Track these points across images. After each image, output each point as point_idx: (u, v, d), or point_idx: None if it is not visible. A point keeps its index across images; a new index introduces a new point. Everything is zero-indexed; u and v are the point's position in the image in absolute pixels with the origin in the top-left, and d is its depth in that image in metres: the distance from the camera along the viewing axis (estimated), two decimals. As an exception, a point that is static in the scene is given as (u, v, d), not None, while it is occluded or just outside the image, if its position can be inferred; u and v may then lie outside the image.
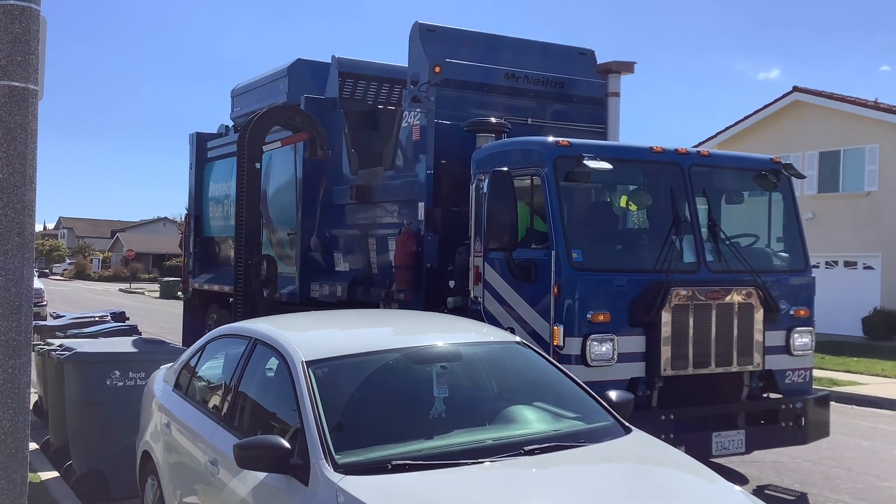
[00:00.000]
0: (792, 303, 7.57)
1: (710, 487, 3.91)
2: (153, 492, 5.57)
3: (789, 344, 7.51)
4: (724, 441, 6.95)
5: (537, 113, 9.43)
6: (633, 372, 6.82)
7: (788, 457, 8.76)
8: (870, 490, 7.86)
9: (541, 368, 4.87)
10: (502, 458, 3.80)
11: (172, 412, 5.39)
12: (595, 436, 4.22)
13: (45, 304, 23.11)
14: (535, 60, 9.74)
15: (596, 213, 8.05)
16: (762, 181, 7.77)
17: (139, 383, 6.85)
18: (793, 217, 8.00)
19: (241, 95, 13.44)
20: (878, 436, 10.57)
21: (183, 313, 15.21)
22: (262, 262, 10.26)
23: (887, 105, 23.99)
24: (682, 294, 6.85)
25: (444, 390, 4.40)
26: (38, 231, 77.33)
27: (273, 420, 4.43)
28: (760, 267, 7.41)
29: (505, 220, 6.99)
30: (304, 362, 4.24)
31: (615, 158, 7.14)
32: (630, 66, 9.23)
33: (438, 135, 8.75)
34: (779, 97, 25.41)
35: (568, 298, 6.70)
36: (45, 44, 4.40)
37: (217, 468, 4.43)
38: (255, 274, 10.12)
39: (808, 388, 7.69)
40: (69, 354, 7.13)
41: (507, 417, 4.36)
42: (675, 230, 7.10)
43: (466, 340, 4.93)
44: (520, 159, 7.38)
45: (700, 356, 6.93)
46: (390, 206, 9.58)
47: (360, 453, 3.79)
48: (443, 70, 8.88)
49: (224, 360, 5.31)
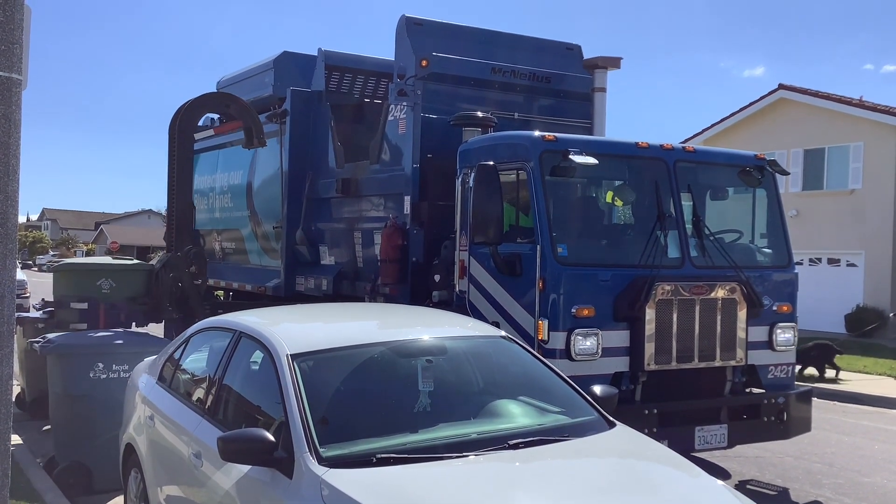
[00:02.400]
0: (775, 299, 7.62)
1: (692, 481, 3.93)
2: (136, 484, 5.55)
3: (772, 339, 7.57)
4: (706, 435, 7.00)
5: (524, 108, 9.44)
6: (617, 366, 6.85)
7: (770, 452, 8.83)
8: (851, 486, 7.94)
9: (525, 363, 4.88)
10: (487, 452, 3.82)
11: (156, 405, 5.37)
12: (579, 430, 4.24)
13: (28, 296, 22.96)
14: (522, 55, 9.74)
15: (581, 208, 8.07)
16: (746, 177, 7.81)
17: (123, 376, 6.83)
18: (777, 214, 8.04)
19: (226, 88, 13.34)
20: (860, 432, 10.67)
21: (167, 306, 15.12)
22: (190, 254, 9.69)
23: (872, 103, 24.16)
24: (667, 289, 6.89)
25: (429, 384, 4.40)
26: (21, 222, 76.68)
27: (257, 413, 4.42)
28: (744, 263, 7.46)
29: (490, 215, 7.00)
30: (289, 355, 4.23)
31: (601, 154, 7.16)
32: (616, 61, 9.24)
33: (425, 129, 8.74)
34: (764, 94, 25.54)
35: (553, 293, 6.72)
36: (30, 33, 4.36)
37: (201, 461, 4.42)
38: (185, 266, 9.57)
39: (790, 383, 7.75)
40: (52, 346, 7.09)
41: (492, 411, 4.37)
42: (659, 225, 7.13)
43: (452, 334, 4.94)
44: (506, 154, 7.39)
45: (683, 351, 6.97)
46: (376, 199, 9.57)
47: (345, 446, 3.79)
48: (430, 64, 8.87)
49: (208, 353, 5.29)
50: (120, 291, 9.24)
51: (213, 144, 13.59)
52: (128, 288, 9.35)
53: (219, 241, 13.50)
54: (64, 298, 9.18)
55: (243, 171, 12.28)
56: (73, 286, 9.24)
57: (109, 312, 9.06)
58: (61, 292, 9.32)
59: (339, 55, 11.39)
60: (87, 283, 9.16)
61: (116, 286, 9.24)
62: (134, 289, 9.41)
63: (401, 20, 9.28)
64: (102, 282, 9.17)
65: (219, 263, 13.51)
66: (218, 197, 13.20)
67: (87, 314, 8.98)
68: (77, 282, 9.28)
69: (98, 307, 9.03)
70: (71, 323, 8.94)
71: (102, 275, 9.26)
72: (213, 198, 13.37)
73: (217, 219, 13.33)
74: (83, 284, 9.19)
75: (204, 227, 13.98)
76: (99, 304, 9.06)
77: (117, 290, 9.23)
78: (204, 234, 14.10)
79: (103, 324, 8.87)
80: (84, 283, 9.18)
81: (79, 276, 9.42)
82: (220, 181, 13.15)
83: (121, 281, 9.32)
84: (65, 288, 9.30)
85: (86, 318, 8.97)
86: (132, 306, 9.27)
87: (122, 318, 9.14)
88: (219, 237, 13.49)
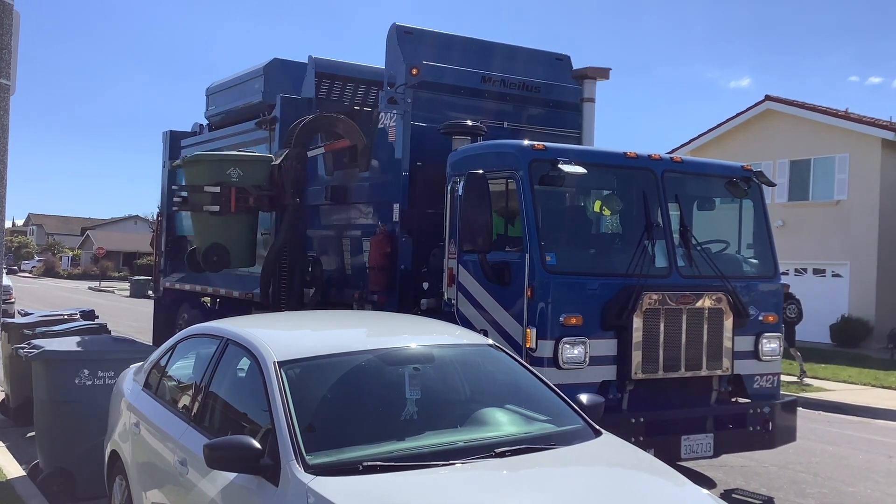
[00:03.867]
0: (761, 309, 7.66)
1: (678, 490, 3.95)
2: (121, 492, 5.52)
3: (758, 349, 7.61)
4: (692, 444, 7.02)
5: (513, 116, 9.47)
6: (604, 375, 6.87)
7: (756, 461, 8.86)
8: (835, 495, 7.98)
9: (513, 371, 4.89)
10: (473, 460, 3.82)
11: (142, 412, 5.35)
12: (565, 438, 4.25)
13: (13, 302, 22.83)
14: (512, 64, 9.79)
15: (570, 217, 8.11)
16: (733, 188, 7.86)
17: (108, 382, 6.79)
18: (763, 224, 8.09)
19: (216, 94, 13.36)
20: (845, 441, 10.73)
21: (153, 312, 15.08)
22: (308, 264, 10.02)
23: (858, 115, 24.38)
24: (654, 298, 6.92)
25: (416, 392, 4.40)
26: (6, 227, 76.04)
27: (244, 420, 4.41)
28: (731, 273, 7.50)
29: (479, 223, 7.01)
30: (276, 362, 4.22)
31: (589, 163, 7.19)
32: (605, 72, 9.29)
33: (414, 137, 8.76)
34: (751, 106, 25.74)
35: (541, 301, 6.74)
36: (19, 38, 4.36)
37: (186, 468, 4.40)
38: (301, 275, 9.87)
39: (775, 393, 7.78)
40: (37, 353, 7.05)
41: (479, 419, 4.37)
42: (647, 235, 7.17)
43: (439, 342, 4.94)
44: (495, 162, 7.41)
45: (670, 360, 7.00)
46: (365, 207, 9.57)
47: (332, 454, 3.78)
48: (420, 72, 8.89)
49: (195, 360, 5.27)
50: (247, 179, 10.07)
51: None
52: (254, 177, 10.13)
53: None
54: (197, 183, 10.09)
55: (232, 178, 12.24)
56: (205, 174, 10.11)
57: (239, 196, 9.94)
58: (194, 180, 10.21)
59: (330, 62, 11.40)
60: (219, 171, 10.05)
61: (244, 175, 10.07)
62: (259, 178, 10.16)
63: (391, 28, 9.31)
64: (231, 170, 10.04)
65: (206, 270, 13.45)
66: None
67: (219, 197, 9.90)
68: (210, 170, 10.12)
69: (229, 191, 9.89)
70: (204, 205, 9.99)
71: (231, 164, 10.12)
72: (202, 204, 13.30)
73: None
74: (215, 172, 10.06)
75: (192, 233, 13.93)
76: (230, 189, 9.89)
77: (244, 178, 10.07)
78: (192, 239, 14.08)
79: (234, 206, 9.90)
80: (216, 172, 10.07)
81: (210, 165, 10.23)
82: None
83: (247, 170, 10.12)
84: (197, 176, 10.21)
85: (218, 200, 9.91)
86: (257, 192, 10.04)
87: (252, 201, 10.03)
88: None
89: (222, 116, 13.05)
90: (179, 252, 14.43)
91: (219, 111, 13.16)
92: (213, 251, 10.17)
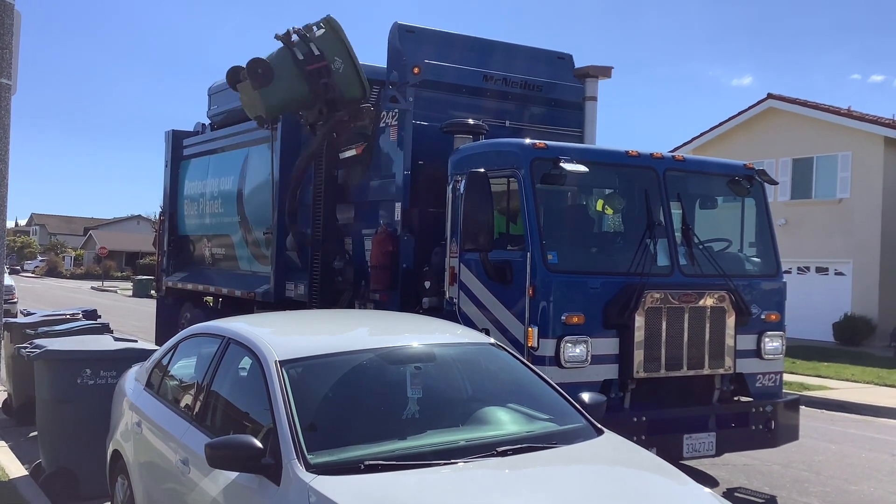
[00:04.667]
0: (763, 307, 7.65)
1: (680, 489, 3.94)
2: (123, 491, 5.53)
3: (760, 348, 7.59)
4: (695, 443, 7.01)
5: (515, 115, 9.46)
6: (606, 374, 6.87)
7: (758, 460, 8.85)
8: (838, 494, 7.97)
9: (514, 370, 4.88)
10: (475, 459, 3.81)
11: (144, 411, 5.35)
12: (567, 437, 4.24)
13: (16, 301, 22.82)
14: (514, 63, 9.77)
15: (571, 216, 8.09)
16: (735, 187, 7.85)
17: (110, 382, 6.79)
18: (765, 222, 8.08)
19: (218, 93, 13.35)
20: (847, 440, 10.71)
21: (156, 312, 15.10)
22: (343, 266, 9.59)
23: (860, 113, 24.33)
24: (656, 297, 6.91)
25: (417, 391, 4.40)
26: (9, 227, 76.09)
27: (245, 420, 4.41)
28: (733, 271, 7.49)
29: (481, 222, 7.00)
30: (277, 362, 4.22)
31: (591, 161, 7.18)
32: (607, 70, 9.28)
33: (416, 135, 8.75)
34: (753, 104, 25.69)
35: (543, 300, 6.73)
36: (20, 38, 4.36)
37: (188, 468, 4.40)
38: (334, 275, 9.58)
39: (778, 391, 7.77)
40: (39, 353, 7.06)
41: (481, 418, 4.37)
42: (649, 234, 7.15)
43: (441, 341, 4.94)
44: (497, 161, 7.40)
45: (672, 359, 6.99)
46: (366, 206, 9.56)
47: (333, 453, 3.78)
48: (421, 71, 8.89)
49: (197, 360, 5.28)
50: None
51: (204, 150, 13.59)
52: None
53: (209, 247, 13.47)
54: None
55: (234, 178, 12.26)
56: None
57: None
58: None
59: (331, 61, 11.35)
60: None
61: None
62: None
63: (393, 27, 9.30)
64: None
65: (208, 269, 13.49)
66: (208, 202, 13.17)
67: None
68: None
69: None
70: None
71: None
72: (204, 203, 13.34)
73: (207, 224, 13.30)
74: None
75: (194, 232, 13.97)
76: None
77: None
78: (194, 239, 14.11)
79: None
80: None
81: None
82: (210, 187, 13.12)
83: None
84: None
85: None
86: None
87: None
88: (209, 243, 13.46)
89: (224, 116, 13.05)
90: (182, 251, 14.45)
91: (221, 111, 13.16)
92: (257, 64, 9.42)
